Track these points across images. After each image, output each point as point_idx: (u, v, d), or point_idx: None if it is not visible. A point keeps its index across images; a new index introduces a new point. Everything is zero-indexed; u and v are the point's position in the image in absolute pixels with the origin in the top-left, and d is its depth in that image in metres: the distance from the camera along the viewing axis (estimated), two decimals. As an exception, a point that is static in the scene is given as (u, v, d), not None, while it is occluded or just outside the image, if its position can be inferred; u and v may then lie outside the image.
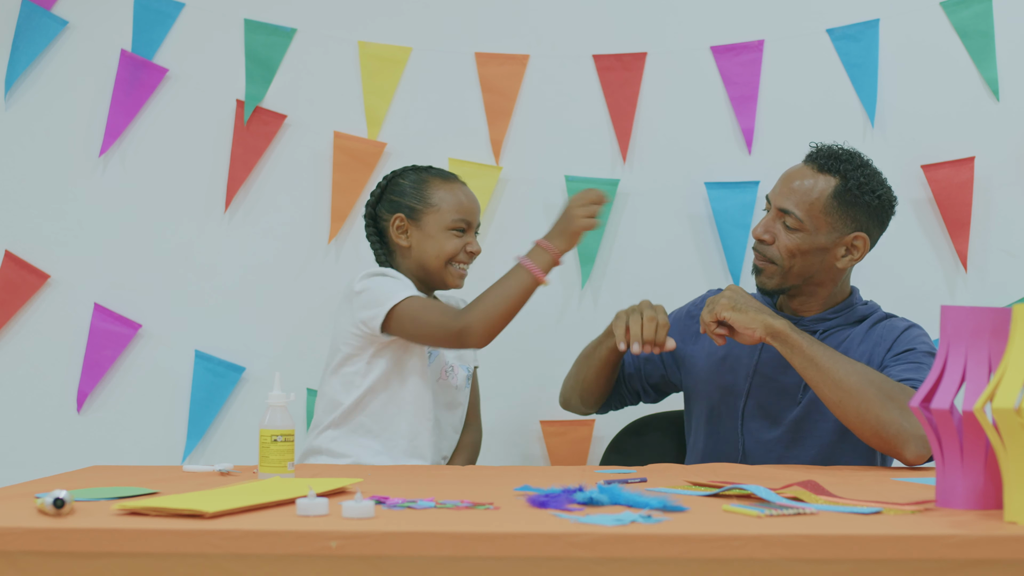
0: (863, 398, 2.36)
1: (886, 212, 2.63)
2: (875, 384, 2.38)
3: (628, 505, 1.75)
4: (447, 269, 2.70)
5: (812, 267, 2.58)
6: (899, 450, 2.36)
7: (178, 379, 3.22)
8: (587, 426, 3.20)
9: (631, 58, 3.21)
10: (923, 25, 3.16)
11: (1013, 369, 1.67)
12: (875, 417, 2.35)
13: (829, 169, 2.58)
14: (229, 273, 3.24)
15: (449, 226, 2.70)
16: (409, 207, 2.71)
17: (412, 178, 2.75)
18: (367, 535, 1.57)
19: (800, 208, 2.56)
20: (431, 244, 2.69)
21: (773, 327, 2.44)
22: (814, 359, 2.41)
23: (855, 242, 2.58)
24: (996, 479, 1.75)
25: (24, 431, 3.23)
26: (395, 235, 2.71)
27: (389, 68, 3.23)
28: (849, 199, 2.56)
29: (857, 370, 2.39)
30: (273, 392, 2.19)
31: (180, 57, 3.24)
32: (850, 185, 2.56)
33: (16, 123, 3.24)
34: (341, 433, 2.61)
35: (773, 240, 2.59)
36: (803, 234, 2.56)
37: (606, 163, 3.22)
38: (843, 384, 2.38)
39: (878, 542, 1.55)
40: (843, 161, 2.59)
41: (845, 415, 2.39)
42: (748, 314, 2.45)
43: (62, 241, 3.24)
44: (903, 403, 2.35)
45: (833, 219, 2.56)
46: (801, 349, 2.42)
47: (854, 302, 2.65)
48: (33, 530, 1.60)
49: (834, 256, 2.58)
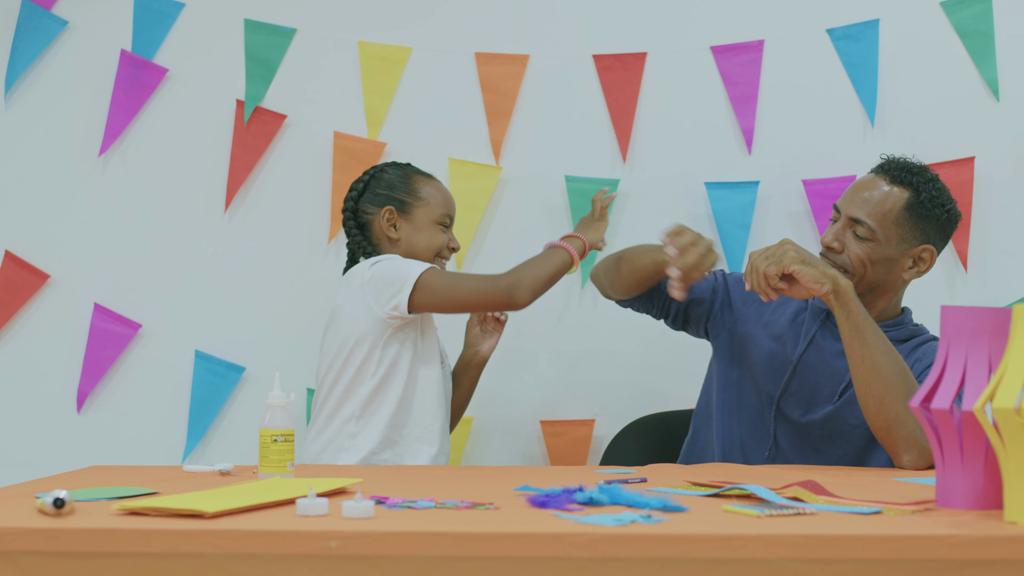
0: (891, 388, 2.36)
1: (951, 227, 2.61)
2: (908, 382, 2.38)
3: (628, 505, 1.75)
4: (433, 263, 2.72)
5: (880, 277, 2.57)
6: (901, 450, 2.37)
7: (178, 379, 3.22)
8: (587, 426, 3.20)
9: (631, 58, 3.21)
10: (923, 25, 3.16)
11: (1013, 369, 1.67)
12: (894, 412, 2.35)
13: (902, 181, 2.57)
14: (229, 273, 3.24)
15: (437, 220, 2.74)
16: (399, 200, 2.74)
17: (397, 173, 2.79)
18: (367, 535, 1.57)
19: (872, 218, 2.55)
20: (420, 236, 2.73)
21: (840, 284, 2.40)
22: (864, 332, 2.39)
23: (923, 255, 2.57)
24: (996, 479, 1.75)
25: (24, 431, 3.23)
26: (384, 227, 2.73)
27: (389, 68, 3.23)
28: (921, 212, 2.55)
29: (896, 361, 2.38)
30: (273, 392, 2.19)
31: (180, 57, 3.24)
32: (923, 198, 2.55)
33: (16, 123, 3.24)
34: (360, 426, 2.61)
35: (843, 249, 2.57)
36: (874, 244, 2.54)
37: (606, 163, 3.22)
38: (879, 367, 2.37)
39: (878, 542, 1.55)
40: (915, 174, 2.57)
41: (868, 396, 2.38)
42: (818, 268, 2.41)
43: (62, 241, 3.24)
44: None
45: (904, 230, 2.55)
46: (857, 315, 2.39)
47: (905, 321, 2.64)
48: (33, 530, 1.60)
49: (902, 267, 2.57)
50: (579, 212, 3.18)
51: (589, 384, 3.21)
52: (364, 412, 2.61)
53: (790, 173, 3.17)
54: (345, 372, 2.62)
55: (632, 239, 3.20)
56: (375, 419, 2.61)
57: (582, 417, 3.21)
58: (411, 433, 2.64)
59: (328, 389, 2.65)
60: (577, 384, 3.21)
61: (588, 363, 3.21)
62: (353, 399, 2.62)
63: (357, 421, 2.61)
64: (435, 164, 3.20)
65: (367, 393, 2.61)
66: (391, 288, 2.58)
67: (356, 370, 2.62)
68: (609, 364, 3.20)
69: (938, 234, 2.59)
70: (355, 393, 2.62)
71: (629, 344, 3.20)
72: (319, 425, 2.65)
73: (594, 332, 3.21)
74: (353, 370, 2.62)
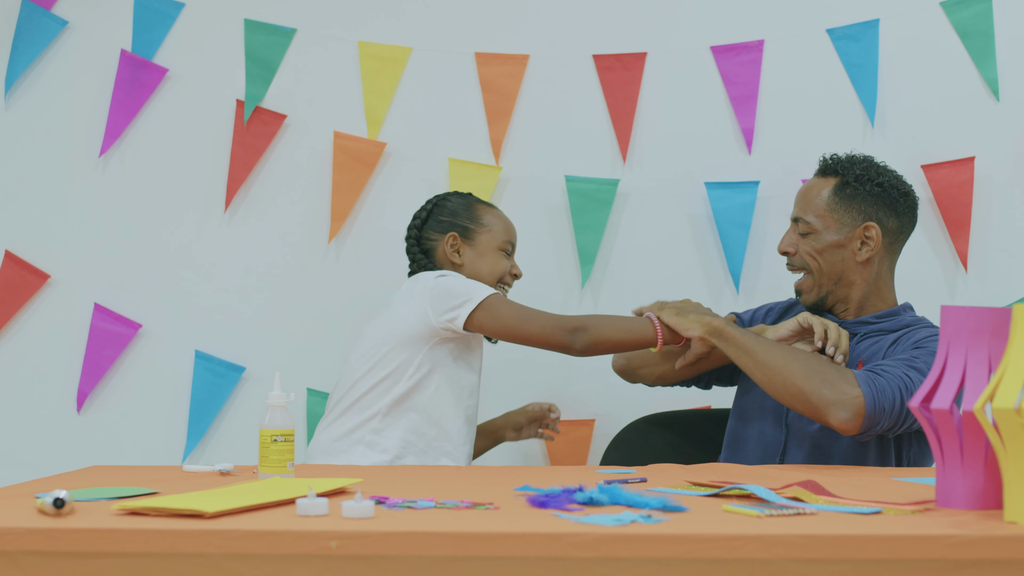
0: (787, 372, 2.45)
1: (896, 199, 2.65)
2: (800, 360, 2.47)
3: (628, 505, 1.75)
4: (496, 288, 2.73)
5: (835, 266, 2.64)
6: (824, 417, 2.41)
7: (178, 379, 3.22)
8: (587, 426, 3.20)
9: (631, 58, 3.21)
10: (923, 25, 3.16)
11: (1013, 369, 1.67)
12: (798, 388, 2.43)
13: (829, 172, 2.68)
14: (229, 273, 3.24)
15: (499, 246, 2.77)
16: (462, 227, 2.76)
17: (460, 201, 2.81)
18: (367, 535, 1.57)
19: (808, 212, 2.66)
20: (484, 263, 2.76)
21: (712, 324, 2.56)
22: (745, 346, 2.52)
23: (867, 233, 2.62)
24: (996, 479, 1.75)
25: (24, 431, 3.23)
26: (448, 253, 2.75)
27: (389, 68, 3.23)
28: (849, 192, 2.63)
29: (784, 351, 2.50)
30: (273, 392, 2.19)
31: (180, 57, 3.24)
32: (848, 179, 2.64)
33: (16, 123, 3.24)
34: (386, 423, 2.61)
35: (796, 251, 2.67)
36: (816, 235, 2.64)
37: (606, 163, 3.22)
38: (769, 363, 2.48)
39: (878, 542, 1.55)
40: (843, 162, 2.67)
41: (775, 392, 2.48)
42: (688, 317, 2.58)
43: (62, 241, 3.24)
44: (830, 377, 2.42)
45: (839, 214, 2.63)
46: (735, 340, 2.53)
47: (900, 313, 2.66)
48: (33, 530, 1.60)
49: (852, 251, 2.63)
50: (579, 212, 3.18)
51: (589, 384, 3.20)
52: (392, 411, 2.62)
53: (790, 173, 3.17)
54: (380, 367, 2.64)
55: (632, 239, 3.21)
56: (402, 421, 2.61)
57: (582, 417, 3.21)
58: (440, 446, 2.64)
59: (356, 379, 2.65)
60: (577, 384, 3.21)
61: (588, 363, 3.20)
62: (384, 396, 2.62)
63: (383, 418, 2.62)
64: (435, 164, 3.21)
65: (399, 394, 2.62)
66: (454, 300, 2.60)
67: (393, 368, 2.63)
68: (609, 364, 3.19)
69: (880, 209, 2.63)
70: (387, 391, 2.62)
71: (629, 344, 3.19)
72: (338, 411, 2.65)
73: (594, 332, 3.21)
74: (390, 368, 2.63)
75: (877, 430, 2.42)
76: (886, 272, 2.68)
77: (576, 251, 3.20)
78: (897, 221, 2.65)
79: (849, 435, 2.45)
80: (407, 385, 2.62)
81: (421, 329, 2.61)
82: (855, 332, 2.64)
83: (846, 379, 2.41)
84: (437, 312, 2.60)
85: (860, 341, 2.62)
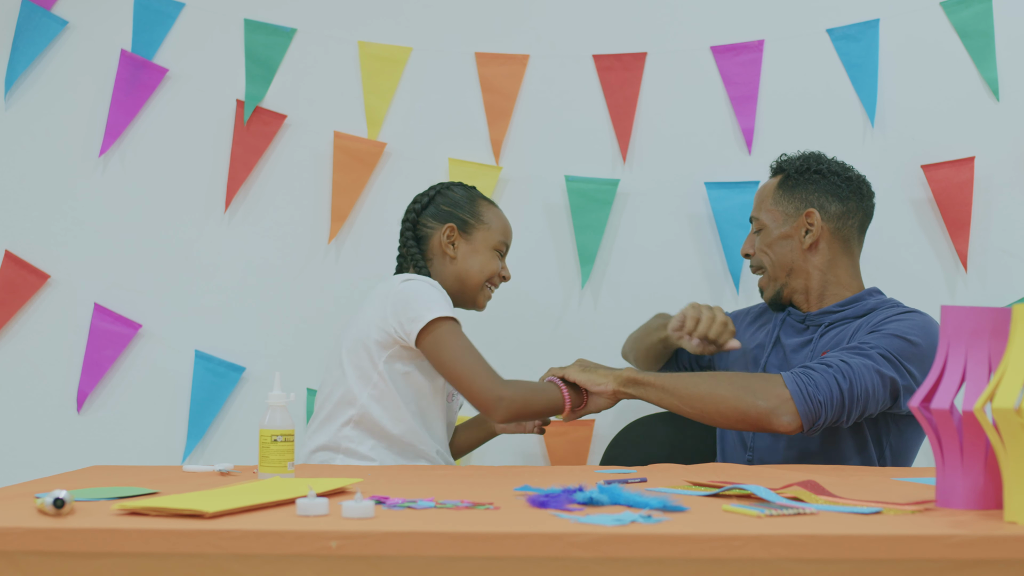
0: (716, 399, 2.46)
1: (837, 185, 2.69)
2: (724, 382, 2.48)
3: (628, 505, 1.75)
4: (482, 289, 2.71)
5: (784, 257, 2.70)
6: (768, 426, 2.44)
7: (178, 379, 3.23)
8: (587, 426, 3.20)
9: (631, 58, 3.21)
10: (923, 25, 3.16)
11: (1013, 369, 1.67)
12: (733, 409, 2.44)
13: (778, 171, 2.78)
14: (229, 273, 3.24)
15: (495, 246, 2.73)
16: (461, 219, 2.71)
17: (463, 193, 2.76)
18: (367, 535, 1.57)
19: (758, 211, 2.75)
20: (476, 260, 2.71)
21: (622, 376, 2.55)
22: (664, 387, 2.51)
23: (808, 220, 2.68)
24: (996, 479, 1.75)
25: (24, 431, 3.23)
26: (443, 244, 2.70)
27: (389, 68, 3.23)
28: (791, 184, 2.71)
29: (704, 379, 2.50)
30: (273, 392, 2.19)
31: (180, 57, 3.24)
32: (790, 172, 2.73)
33: (16, 123, 3.25)
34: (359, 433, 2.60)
35: (754, 251, 2.75)
36: (766, 230, 2.72)
37: (606, 163, 3.22)
38: (695, 396, 2.48)
39: (878, 542, 1.55)
40: (791, 159, 2.77)
41: (714, 420, 2.49)
42: (598, 372, 2.57)
43: (62, 241, 3.24)
44: (758, 387, 2.44)
45: (783, 207, 2.70)
46: (652, 384, 2.52)
47: (865, 299, 2.68)
48: (33, 530, 1.60)
49: (798, 240, 2.69)
50: (579, 212, 3.18)
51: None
52: (364, 419, 2.59)
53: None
54: (348, 375, 2.61)
55: (632, 239, 3.21)
56: (375, 429, 2.59)
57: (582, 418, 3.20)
58: (414, 449, 2.60)
59: (331, 389, 2.64)
60: (577, 384, 3.21)
61: (588, 363, 3.21)
62: (354, 405, 2.60)
63: (356, 426, 2.59)
64: (435, 164, 3.21)
65: (367, 400, 2.59)
66: (410, 312, 2.55)
67: (359, 375, 2.59)
68: (609, 364, 3.19)
69: (821, 196, 2.69)
70: (356, 399, 2.60)
71: (629, 344, 3.20)
72: (317, 423, 2.63)
73: (594, 332, 3.21)
74: (357, 375, 2.59)
75: (822, 423, 2.44)
76: (841, 258, 2.69)
77: (576, 251, 3.20)
78: (841, 206, 2.68)
79: (798, 434, 2.48)
80: (374, 392, 2.58)
81: (382, 336, 2.57)
82: (819, 323, 2.66)
83: (775, 384, 2.44)
84: (396, 319, 2.55)
85: (825, 332, 2.64)
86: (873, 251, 2.99)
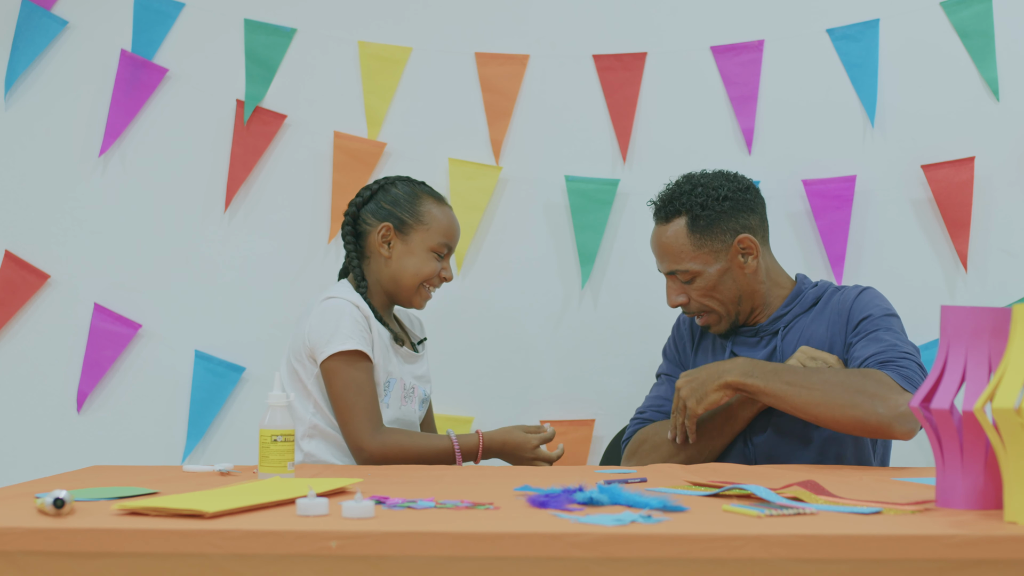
0: (832, 407, 2.39)
1: (743, 199, 2.63)
2: (838, 386, 2.40)
3: (628, 505, 1.75)
4: (418, 290, 2.67)
5: (731, 290, 2.63)
6: (888, 434, 2.39)
7: (178, 379, 3.22)
8: (587, 426, 3.20)
9: (631, 58, 3.21)
10: (923, 25, 3.16)
11: (1013, 369, 1.67)
12: (851, 418, 2.38)
13: (672, 214, 2.63)
14: (229, 273, 3.24)
15: (433, 247, 2.66)
16: (399, 219, 2.66)
17: (406, 190, 2.70)
18: (367, 535, 1.57)
19: (678, 262, 2.62)
20: (411, 261, 2.65)
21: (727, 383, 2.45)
22: (775, 394, 2.42)
23: (742, 245, 2.61)
24: (996, 479, 1.75)
25: (24, 431, 3.23)
26: (377, 243, 2.66)
27: (389, 68, 3.23)
28: (703, 223, 2.60)
29: (816, 382, 2.41)
30: (273, 392, 2.19)
31: (180, 57, 3.24)
32: (695, 212, 2.60)
33: (16, 123, 3.24)
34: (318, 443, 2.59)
35: (688, 299, 2.64)
36: (700, 276, 2.61)
37: (606, 163, 3.22)
38: (809, 405, 2.40)
39: (878, 542, 1.55)
40: (677, 198, 2.63)
41: (828, 426, 2.43)
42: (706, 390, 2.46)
43: (62, 241, 3.24)
44: (872, 390, 2.38)
45: (709, 246, 2.60)
46: (760, 391, 2.43)
47: (803, 289, 2.68)
48: (33, 530, 1.60)
49: (739, 268, 2.62)
50: (579, 212, 3.18)
51: (589, 384, 3.20)
52: (315, 431, 2.58)
53: (790, 173, 3.17)
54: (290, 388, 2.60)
55: (632, 239, 3.21)
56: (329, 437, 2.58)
57: (582, 417, 3.21)
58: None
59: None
60: (577, 384, 3.21)
61: (588, 363, 3.21)
62: (303, 420, 2.59)
63: (311, 439, 2.59)
64: (435, 164, 3.21)
65: (311, 416, 2.58)
66: (322, 337, 2.53)
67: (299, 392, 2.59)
68: (609, 364, 3.20)
69: (738, 220, 2.61)
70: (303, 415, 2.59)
71: (629, 344, 3.20)
72: None
73: (594, 332, 3.21)
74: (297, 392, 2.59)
75: None
76: (770, 262, 2.69)
77: (576, 251, 3.20)
78: (756, 216, 2.65)
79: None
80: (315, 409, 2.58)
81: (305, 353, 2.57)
82: (774, 331, 2.64)
83: (889, 388, 2.37)
84: (311, 339, 2.55)
85: (784, 336, 2.62)
86: (873, 251, 3.00)
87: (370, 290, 2.68)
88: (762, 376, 2.43)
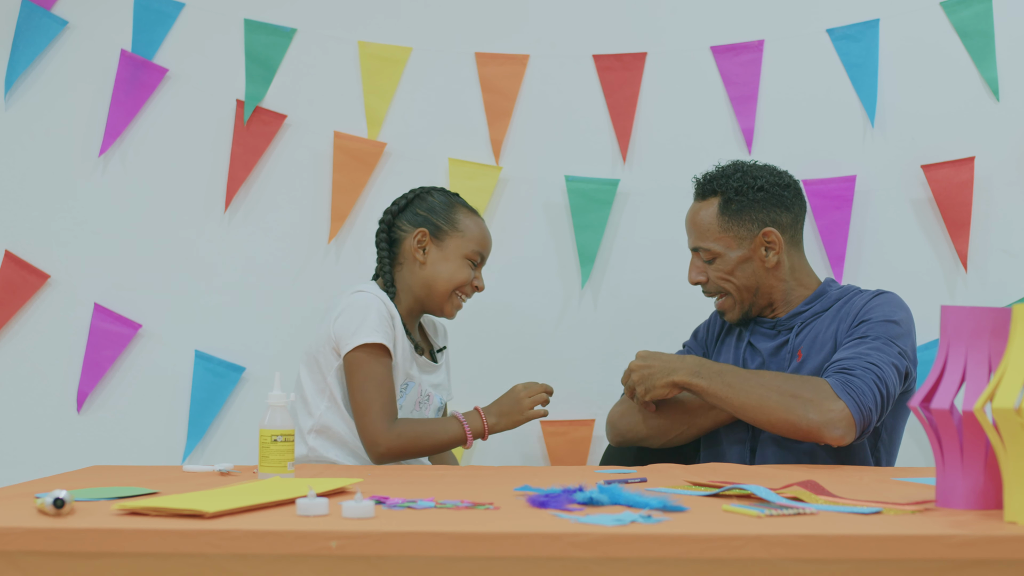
0: (767, 410, 2.45)
1: (780, 195, 2.67)
2: (775, 391, 2.46)
3: (628, 505, 1.75)
4: (451, 298, 2.68)
5: (750, 278, 2.67)
6: (819, 438, 2.43)
7: (178, 379, 3.22)
8: (587, 426, 3.20)
9: (631, 58, 3.21)
10: (923, 25, 3.16)
11: (1013, 369, 1.67)
12: (783, 421, 2.44)
13: (709, 193, 2.69)
14: (229, 273, 3.24)
15: (467, 255, 2.69)
16: (435, 225, 2.68)
17: (442, 199, 2.73)
18: (367, 535, 1.57)
19: (704, 240, 2.67)
20: (446, 267, 2.67)
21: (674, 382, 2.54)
22: (716, 394, 2.50)
23: (767, 239, 2.65)
24: (996, 479, 1.75)
25: (24, 431, 3.23)
26: (413, 248, 2.68)
27: (389, 68, 3.23)
28: (736, 207, 2.65)
29: (755, 385, 2.48)
30: (273, 392, 2.19)
31: (180, 57, 3.24)
32: (729, 195, 2.66)
33: (16, 123, 3.24)
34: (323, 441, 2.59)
35: (707, 279, 2.69)
36: (721, 258, 2.66)
37: (606, 163, 3.22)
38: (746, 405, 2.47)
39: (878, 542, 1.55)
40: (717, 179, 2.69)
41: (765, 428, 2.49)
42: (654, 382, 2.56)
43: (62, 241, 3.24)
44: (807, 396, 2.43)
45: (734, 231, 2.65)
46: (704, 391, 2.52)
47: (827, 290, 2.69)
48: (33, 530, 1.60)
49: (760, 259, 2.66)
50: (579, 212, 3.18)
51: (589, 384, 3.20)
52: (324, 429, 2.59)
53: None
54: (305, 387, 2.61)
55: (632, 239, 3.21)
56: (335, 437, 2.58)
57: (582, 417, 3.20)
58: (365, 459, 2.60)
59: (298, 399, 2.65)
60: (577, 384, 3.21)
61: (588, 363, 3.21)
62: (313, 415, 2.60)
63: (318, 436, 2.60)
64: (435, 164, 3.21)
65: (323, 411, 2.59)
66: (348, 329, 2.55)
67: (315, 387, 2.60)
68: (609, 364, 3.19)
69: (770, 213, 2.66)
70: (315, 409, 2.60)
71: (629, 344, 3.19)
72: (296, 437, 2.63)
73: (594, 332, 3.21)
74: (313, 387, 2.61)
75: (870, 429, 2.44)
76: (797, 261, 2.71)
77: (576, 251, 3.20)
78: (790, 214, 2.68)
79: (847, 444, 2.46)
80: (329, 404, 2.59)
81: (329, 347, 2.58)
82: (790, 327, 2.66)
83: (825, 395, 2.42)
84: (336, 332, 2.56)
85: (799, 333, 2.64)
86: (873, 251, 3.00)
87: (398, 296, 2.69)
88: (707, 377, 2.52)
